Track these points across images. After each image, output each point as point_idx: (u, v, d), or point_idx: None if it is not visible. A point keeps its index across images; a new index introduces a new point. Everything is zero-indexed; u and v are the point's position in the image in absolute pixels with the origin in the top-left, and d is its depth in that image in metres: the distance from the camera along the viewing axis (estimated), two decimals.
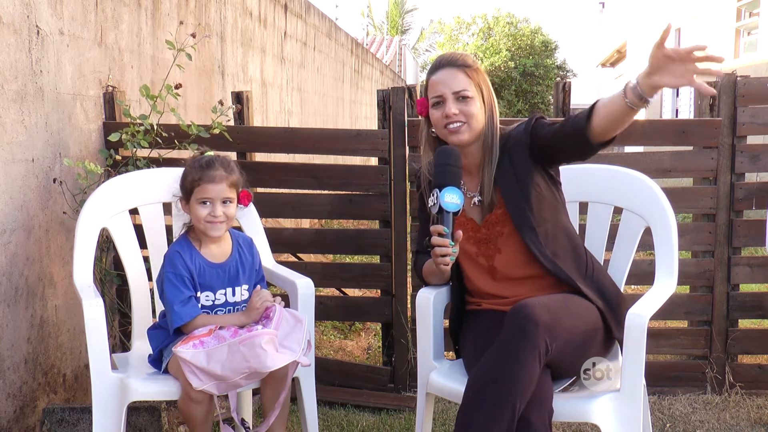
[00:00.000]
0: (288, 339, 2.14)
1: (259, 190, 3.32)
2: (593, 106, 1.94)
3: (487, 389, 1.82)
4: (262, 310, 2.19)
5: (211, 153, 2.29)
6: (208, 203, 2.19)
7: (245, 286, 2.29)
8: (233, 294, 2.26)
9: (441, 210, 2.00)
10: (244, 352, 2.02)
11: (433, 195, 2.02)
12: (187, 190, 2.21)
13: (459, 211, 2.02)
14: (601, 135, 1.94)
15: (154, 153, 3.01)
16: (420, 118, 2.30)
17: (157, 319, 2.38)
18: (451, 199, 1.99)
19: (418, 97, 3.19)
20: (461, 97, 2.12)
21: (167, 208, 2.59)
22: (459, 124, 2.11)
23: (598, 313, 2.04)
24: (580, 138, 1.96)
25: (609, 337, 2.09)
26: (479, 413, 1.80)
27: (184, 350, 2.03)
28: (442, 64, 2.16)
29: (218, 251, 2.27)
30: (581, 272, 2.13)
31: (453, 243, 2.02)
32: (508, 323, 1.88)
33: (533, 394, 1.82)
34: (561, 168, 2.42)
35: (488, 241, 2.17)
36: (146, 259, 2.55)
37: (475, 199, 2.18)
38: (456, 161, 2.06)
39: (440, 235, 2.01)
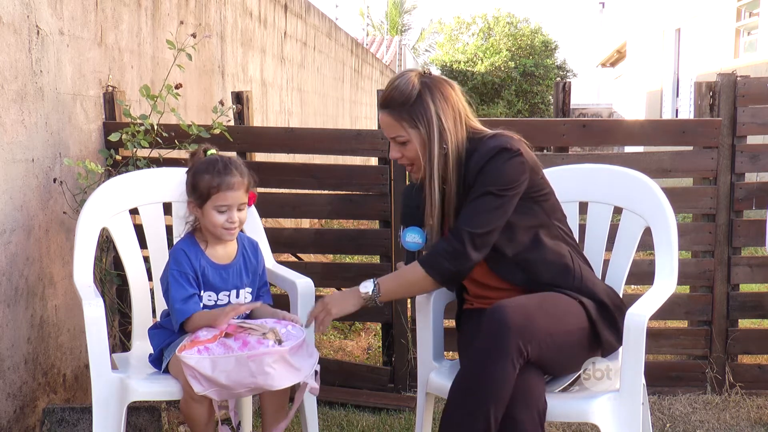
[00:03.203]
0: (300, 362, 2.09)
1: (259, 190, 3.32)
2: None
3: (461, 397, 1.87)
4: (240, 312, 2.13)
5: (213, 151, 2.26)
6: (225, 210, 2.16)
7: (248, 290, 2.28)
8: (237, 296, 2.26)
9: (402, 248, 2.15)
10: (252, 367, 1.98)
11: (399, 231, 2.14)
12: (203, 195, 2.15)
13: (420, 250, 2.12)
14: None
15: (155, 153, 3.01)
16: None
17: (158, 319, 2.38)
18: (412, 239, 2.12)
19: None
20: (398, 143, 2.09)
21: (167, 208, 2.59)
22: (408, 166, 2.12)
23: (582, 311, 2.01)
24: None
25: (597, 336, 2.06)
26: (454, 421, 1.85)
27: (188, 355, 1.99)
28: (379, 105, 2.13)
29: (223, 253, 2.25)
30: (568, 283, 2.07)
31: None
32: (483, 327, 1.89)
33: (518, 393, 1.82)
34: (559, 168, 2.41)
35: None
36: (146, 259, 2.55)
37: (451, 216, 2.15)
38: (416, 200, 2.15)
39: None
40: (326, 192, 3.26)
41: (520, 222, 2.07)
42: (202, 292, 2.20)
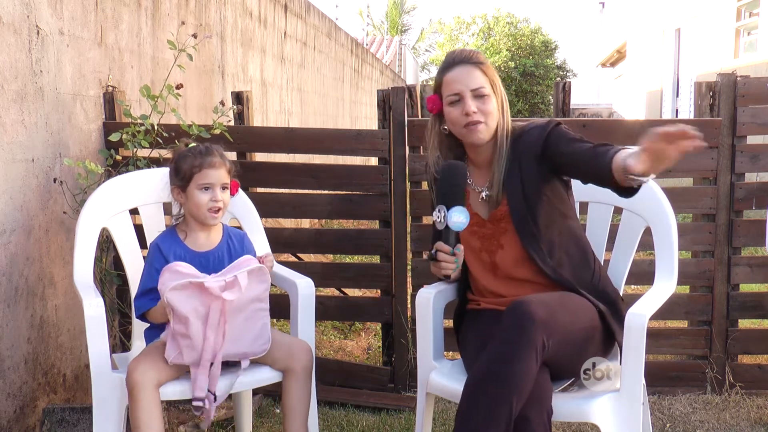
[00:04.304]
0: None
1: (259, 190, 3.32)
2: (613, 157, 1.86)
3: (483, 387, 1.82)
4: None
5: (193, 145, 2.32)
6: (209, 189, 2.22)
7: None
8: None
9: (447, 228, 2.03)
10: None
11: (439, 212, 2.04)
12: (186, 176, 2.22)
13: (457, 232, 2.05)
14: (624, 185, 1.89)
15: (155, 153, 3.01)
16: (418, 117, 2.30)
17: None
18: (458, 219, 2.02)
19: (418, 97, 3.20)
20: (479, 95, 2.11)
21: (167, 208, 2.59)
22: (478, 124, 2.11)
23: (596, 313, 2.04)
24: (605, 185, 1.95)
25: (608, 338, 2.09)
26: (476, 411, 1.80)
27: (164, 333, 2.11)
28: (456, 61, 2.14)
29: (205, 241, 2.28)
30: (587, 280, 2.12)
31: (456, 260, 2.06)
32: (505, 320, 1.88)
33: (532, 392, 1.82)
34: None
35: (492, 236, 2.17)
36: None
37: (483, 194, 2.18)
38: (463, 180, 2.09)
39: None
40: (326, 192, 3.26)
41: (558, 205, 2.12)
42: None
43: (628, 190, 1.89)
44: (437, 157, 2.23)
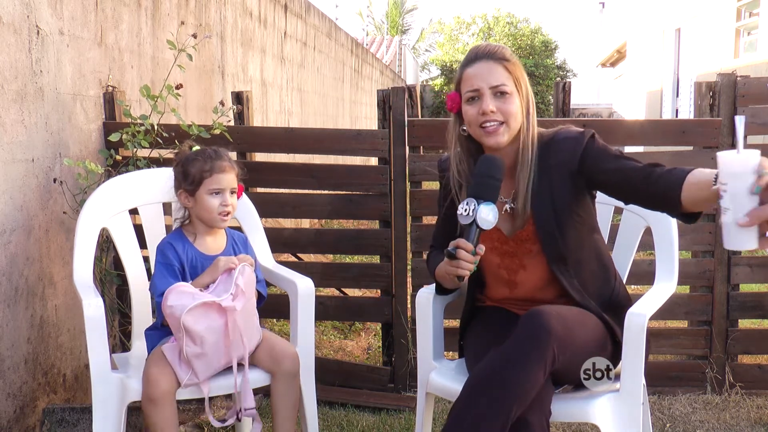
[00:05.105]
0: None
1: (259, 190, 3.32)
2: (685, 177, 1.79)
3: (485, 389, 1.78)
4: (224, 269, 2.17)
5: (197, 147, 2.31)
6: (219, 193, 2.21)
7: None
8: None
9: (473, 223, 1.85)
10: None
11: (467, 204, 1.85)
12: (195, 181, 2.20)
13: (482, 228, 1.87)
14: (689, 208, 1.81)
15: (155, 153, 3.01)
16: (418, 117, 2.25)
17: (156, 319, 2.38)
18: (487, 215, 1.84)
19: (418, 97, 3.20)
20: (499, 93, 1.96)
21: (167, 208, 2.59)
22: (496, 124, 1.95)
23: (608, 333, 1.99)
24: (666, 209, 1.85)
25: (615, 353, 2.04)
26: (473, 411, 1.77)
27: (166, 346, 2.10)
28: (478, 56, 1.99)
29: (213, 245, 2.28)
30: (606, 296, 2.06)
31: (476, 262, 1.88)
32: (520, 327, 1.83)
33: (535, 396, 1.81)
34: None
35: (514, 255, 2.06)
36: (146, 259, 2.55)
37: (507, 207, 2.03)
38: (500, 174, 1.90)
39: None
40: (326, 192, 3.27)
41: (588, 220, 2.04)
42: (192, 283, 2.21)
43: (690, 214, 1.82)
44: (457, 155, 2.08)
